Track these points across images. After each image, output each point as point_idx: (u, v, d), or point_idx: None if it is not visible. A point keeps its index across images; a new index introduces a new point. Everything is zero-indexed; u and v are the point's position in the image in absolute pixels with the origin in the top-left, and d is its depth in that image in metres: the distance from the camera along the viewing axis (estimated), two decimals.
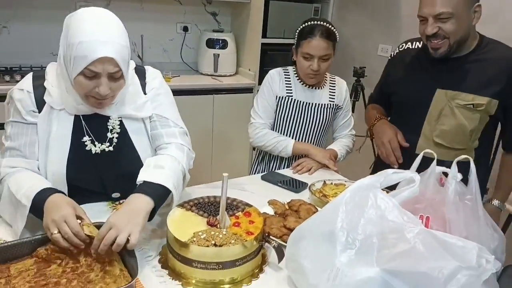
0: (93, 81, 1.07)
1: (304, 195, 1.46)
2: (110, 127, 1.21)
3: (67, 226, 0.97)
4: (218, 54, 3.18)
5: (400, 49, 1.65)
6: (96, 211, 1.19)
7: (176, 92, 2.77)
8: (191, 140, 1.36)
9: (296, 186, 1.53)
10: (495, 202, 1.55)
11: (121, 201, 1.29)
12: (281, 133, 1.82)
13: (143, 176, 1.12)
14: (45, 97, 1.15)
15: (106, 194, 1.29)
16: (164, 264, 1.06)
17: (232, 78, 3.27)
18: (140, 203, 1.05)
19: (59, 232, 0.97)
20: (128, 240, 0.96)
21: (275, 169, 1.81)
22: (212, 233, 1.02)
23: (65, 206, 1.01)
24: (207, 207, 1.15)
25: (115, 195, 1.30)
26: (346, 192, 0.92)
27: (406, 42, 1.64)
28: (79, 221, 1.00)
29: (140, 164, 1.20)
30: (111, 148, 1.22)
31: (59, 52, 1.11)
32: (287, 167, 1.77)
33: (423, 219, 1.07)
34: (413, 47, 1.60)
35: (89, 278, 0.96)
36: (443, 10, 1.34)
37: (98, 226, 1.01)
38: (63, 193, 1.10)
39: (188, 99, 2.95)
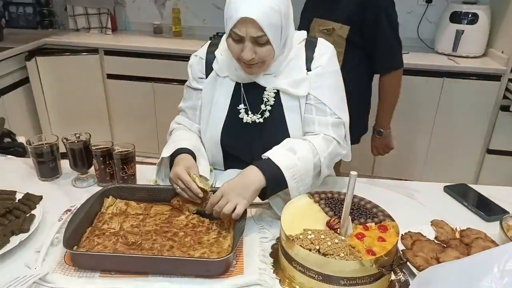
0: (239, 45, 1.06)
1: (495, 227, 1.08)
2: (264, 99, 1.17)
3: (180, 181, 1.04)
4: (463, 31, 2.66)
5: None
6: None
7: None
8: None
9: (489, 211, 1.14)
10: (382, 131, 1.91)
11: None
12: None
13: (270, 153, 1.06)
14: (213, 64, 1.21)
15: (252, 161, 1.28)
16: (274, 251, 0.98)
17: (476, 60, 2.70)
18: (253, 178, 1.01)
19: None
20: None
21: None
22: (323, 237, 0.87)
23: (180, 164, 1.07)
24: (337, 206, 0.99)
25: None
26: None
27: None
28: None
29: None
30: (261, 120, 1.18)
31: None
32: None
33: None
34: None
35: (201, 240, 0.99)
36: None
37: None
38: (192, 154, 1.16)
39: (410, 80, 2.62)
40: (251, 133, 1.21)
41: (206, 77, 1.23)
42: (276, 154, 1.06)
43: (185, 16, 3.26)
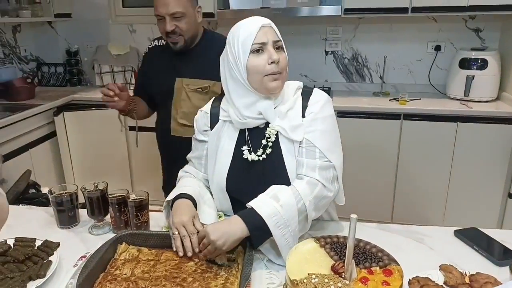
0: (263, 56, 1.16)
1: (506, 272, 1.06)
2: (266, 135, 1.21)
3: (184, 229, 1.10)
4: (473, 76, 2.71)
5: (150, 47, 1.90)
6: None
7: (409, 117, 2.62)
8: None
9: (500, 255, 1.12)
10: None
11: None
12: None
13: (254, 201, 1.10)
14: (220, 115, 1.29)
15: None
16: None
17: (489, 104, 2.72)
18: (237, 227, 1.06)
19: (179, 233, 1.11)
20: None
21: None
22: (326, 281, 0.88)
23: (184, 212, 1.14)
24: (342, 250, 1.00)
25: None
26: None
27: (153, 40, 1.90)
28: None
29: (286, 183, 1.17)
30: (263, 156, 1.22)
31: (224, 71, 1.24)
32: None
33: None
34: (159, 44, 1.86)
35: (208, 285, 1.00)
36: (177, 10, 1.62)
37: None
38: (193, 200, 1.21)
39: (422, 126, 2.65)
40: (254, 173, 1.24)
41: (211, 129, 1.30)
42: (260, 202, 1.10)
43: None
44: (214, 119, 1.30)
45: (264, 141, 1.22)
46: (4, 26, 3.23)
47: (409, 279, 0.99)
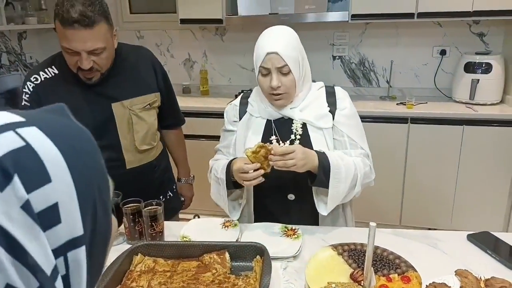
0: (267, 78, 1.26)
1: None
2: (294, 130, 1.33)
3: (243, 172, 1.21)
4: (478, 80, 2.71)
5: (36, 83, 1.39)
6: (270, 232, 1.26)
7: (416, 120, 2.63)
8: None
9: None
10: (183, 179, 1.85)
11: (295, 229, 1.29)
12: None
13: (326, 151, 1.26)
14: (248, 108, 1.40)
15: (282, 195, 1.37)
16: None
17: (494, 107, 2.72)
18: (314, 160, 1.21)
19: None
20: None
21: None
22: None
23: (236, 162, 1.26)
24: (360, 257, 1.00)
25: (290, 197, 1.36)
26: None
27: (33, 74, 1.41)
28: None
29: (314, 174, 1.25)
30: None
31: None
32: None
33: None
34: (50, 75, 1.42)
35: None
36: (98, 46, 1.29)
37: None
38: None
39: (429, 129, 2.65)
40: None
41: (240, 119, 1.39)
42: (330, 152, 1.26)
43: (212, 76, 3.45)
44: (242, 112, 1.41)
45: (292, 136, 1.33)
46: (9, 34, 3.24)
47: (426, 285, 0.99)
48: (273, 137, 1.34)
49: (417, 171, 2.74)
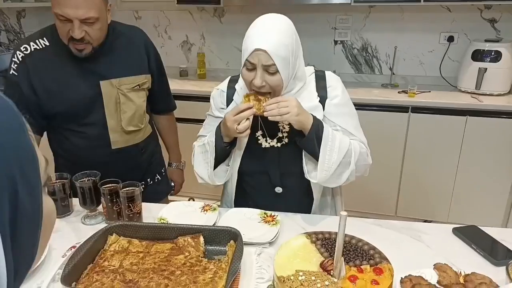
0: (252, 73, 1.16)
1: (503, 272, 1.02)
2: (280, 126, 1.26)
3: (233, 116, 1.17)
4: (486, 69, 2.62)
5: (26, 53, 1.38)
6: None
7: (417, 110, 2.56)
8: None
9: (498, 255, 1.08)
10: (174, 164, 1.84)
11: (274, 216, 1.26)
12: None
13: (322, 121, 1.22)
14: (234, 96, 1.32)
15: (270, 187, 1.34)
16: None
17: (500, 98, 2.63)
18: (308, 116, 1.18)
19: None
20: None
21: None
22: (313, 278, 0.86)
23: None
24: (333, 247, 0.97)
25: (278, 189, 1.34)
26: None
27: (23, 44, 1.39)
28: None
29: (301, 170, 1.23)
30: (278, 145, 1.26)
31: None
32: None
33: None
34: (41, 46, 1.39)
35: (196, 279, 0.99)
36: (91, 15, 1.27)
37: None
38: None
39: (430, 119, 2.58)
40: (269, 159, 1.28)
41: (227, 107, 1.32)
42: (325, 124, 1.21)
43: (209, 60, 3.40)
44: (230, 98, 1.33)
45: (279, 133, 1.27)
46: (8, 11, 3.21)
47: (402, 277, 0.96)
48: (259, 132, 1.27)
49: (416, 161, 2.68)
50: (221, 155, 1.27)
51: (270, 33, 1.12)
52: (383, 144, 2.62)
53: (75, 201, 1.32)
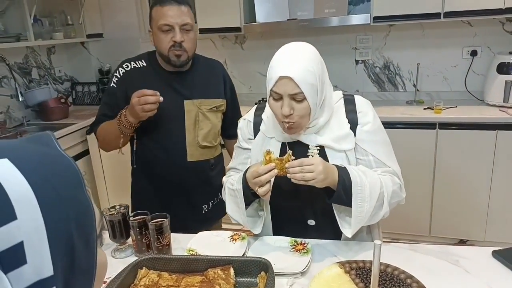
0: (279, 103, 1.14)
1: None
2: (310, 155, 1.21)
3: (258, 174, 1.12)
4: None
5: (127, 69, 1.66)
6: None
7: (445, 126, 2.49)
8: None
9: None
10: None
11: (304, 243, 1.23)
12: None
13: (348, 166, 1.16)
14: (261, 126, 1.30)
15: (303, 220, 1.29)
16: None
17: None
18: (334, 175, 1.11)
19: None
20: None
21: None
22: None
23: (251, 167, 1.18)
24: (368, 276, 0.94)
25: (311, 222, 1.29)
26: None
27: (125, 62, 1.67)
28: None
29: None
30: None
31: None
32: None
33: None
34: (139, 66, 1.66)
35: None
36: (188, 21, 1.54)
37: None
38: None
39: (459, 135, 2.52)
40: (299, 189, 1.20)
41: (254, 137, 1.31)
42: (351, 169, 1.14)
43: None
44: (257, 128, 1.31)
45: None
46: (39, 49, 3.37)
47: None
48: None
49: (447, 179, 2.60)
50: (251, 197, 1.24)
51: (295, 60, 1.11)
52: (412, 162, 2.57)
53: (105, 235, 1.33)
